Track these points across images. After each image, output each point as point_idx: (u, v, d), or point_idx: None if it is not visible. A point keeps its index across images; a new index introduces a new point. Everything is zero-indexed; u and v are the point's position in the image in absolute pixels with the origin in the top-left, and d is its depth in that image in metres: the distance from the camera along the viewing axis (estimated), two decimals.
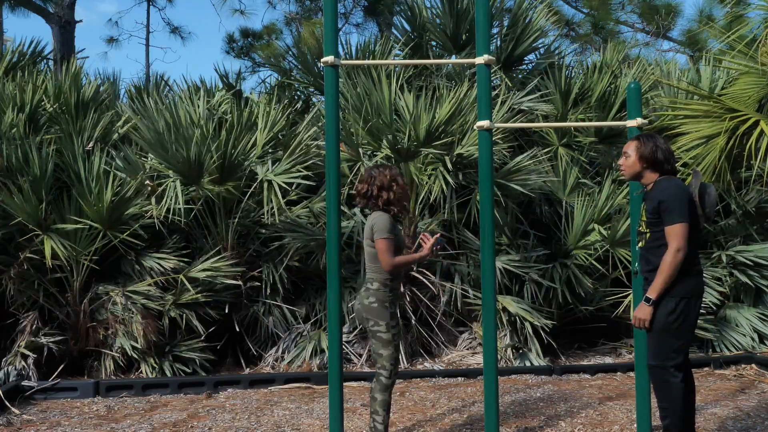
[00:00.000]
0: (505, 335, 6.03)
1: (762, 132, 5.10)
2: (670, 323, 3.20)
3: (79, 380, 5.32)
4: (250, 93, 7.99)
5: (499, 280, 6.18)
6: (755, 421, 4.27)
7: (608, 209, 6.41)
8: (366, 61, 4.15)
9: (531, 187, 6.32)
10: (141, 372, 5.56)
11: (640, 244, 3.41)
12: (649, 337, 3.32)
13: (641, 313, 3.24)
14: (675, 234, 3.16)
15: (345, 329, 6.02)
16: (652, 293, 3.20)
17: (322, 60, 3.70)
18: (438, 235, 3.67)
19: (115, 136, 6.63)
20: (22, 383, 5.10)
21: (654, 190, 3.31)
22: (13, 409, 4.69)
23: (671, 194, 3.20)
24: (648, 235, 3.33)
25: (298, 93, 8.05)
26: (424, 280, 6.13)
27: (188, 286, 5.66)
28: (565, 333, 6.55)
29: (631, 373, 5.58)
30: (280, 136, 6.57)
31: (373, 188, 3.58)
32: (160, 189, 5.97)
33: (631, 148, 3.39)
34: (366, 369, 5.80)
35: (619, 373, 5.69)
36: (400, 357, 3.75)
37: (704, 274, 6.43)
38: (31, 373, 5.24)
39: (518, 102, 7.00)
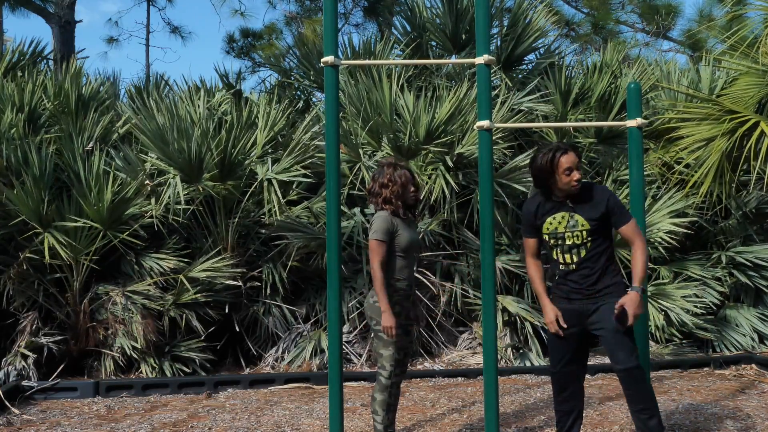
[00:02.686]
0: (505, 335, 6.04)
1: (762, 133, 5.10)
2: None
3: (79, 380, 5.32)
4: (250, 93, 7.99)
5: (499, 280, 6.18)
6: (755, 421, 4.26)
7: None
8: (366, 61, 4.15)
9: (530, 186, 6.31)
10: (141, 372, 5.56)
11: (570, 265, 3.30)
12: (622, 337, 3.20)
13: (633, 304, 3.16)
14: (635, 229, 3.27)
15: (345, 329, 6.02)
16: (638, 282, 3.21)
17: (322, 60, 3.70)
18: (418, 326, 3.75)
19: (115, 136, 6.63)
20: (22, 383, 5.10)
21: (585, 194, 3.30)
22: (13, 409, 4.69)
23: (610, 192, 3.29)
24: (589, 243, 3.28)
25: (298, 93, 8.05)
26: (424, 280, 6.13)
27: (188, 286, 5.66)
28: None
29: None
30: (279, 136, 6.57)
31: (374, 186, 3.59)
32: (160, 188, 5.97)
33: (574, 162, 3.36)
34: (366, 369, 5.80)
35: None
36: (407, 359, 3.71)
37: (704, 275, 6.45)
38: (31, 373, 5.24)
39: (518, 102, 7.00)
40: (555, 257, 3.38)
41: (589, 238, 3.28)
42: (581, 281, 3.32)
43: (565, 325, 3.35)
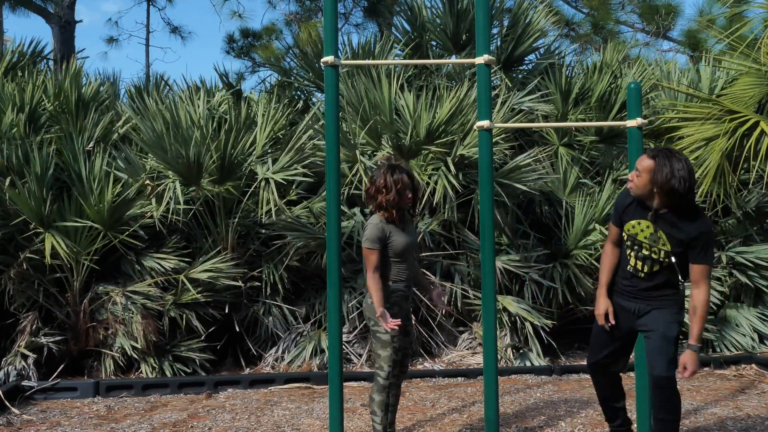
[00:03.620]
0: (505, 335, 6.03)
1: (762, 132, 5.10)
2: (681, 333, 3.19)
3: (79, 380, 5.32)
4: (250, 93, 7.99)
5: (499, 280, 6.18)
6: (755, 421, 4.26)
7: (609, 209, 6.40)
8: (366, 61, 4.15)
9: (531, 186, 6.32)
10: (141, 372, 5.56)
11: (640, 273, 3.18)
12: (667, 345, 3.12)
13: (693, 363, 3.07)
14: (708, 274, 3.05)
15: (345, 329, 6.02)
16: (696, 340, 3.07)
17: (322, 60, 3.70)
18: (448, 309, 3.84)
19: (116, 136, 6.63)
20: (22, 383, 5.10)
21: (682, 217, 3.06)
22: (13, 409, 4.69)
23: (709, 229, 3.00)
24: (665, 262, 3.11)
25: (298, 93, 8.05)
26: (431, 276, 6.12)
27: (188, 286, 5.66)
28: (566, 333, 6.55)
29: (631, 374, 5.57)
30: (279, 136, 6.57)
31: (371, 188, 3.54)
32: (160, 189, 5.97)
33: (643, 166, 3.09)
34: (366, 369, 5.80)
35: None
36: (406, 359, 3.72)
37: None
38: (31, 373, 5.24)
39: (518, 102, 7.00)
40: (627, 257, 3.27)
41: (666, 260, 3.13)
42: (645, 286, 3.22)
43: (613, 322, 3.32)
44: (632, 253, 3.22)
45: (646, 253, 3.16)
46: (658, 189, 3.03)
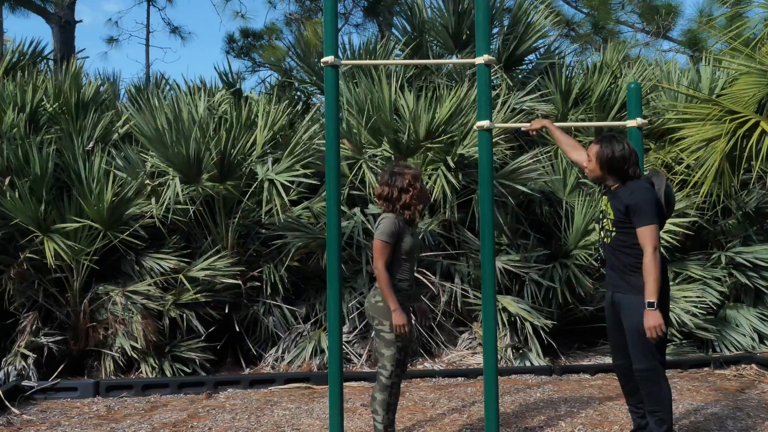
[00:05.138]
0: (505, 335, 6.03)
1: (762, 133, 5.10)
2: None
3: (79, 380, 5.32)
4: (250, 92, 7.99)
5: (499, 280, 6.18)
6: (755, 421, 4.27)
7: None
8: (366, 61, 4.15)
9: (531, 186, 6.31)
10: (141, 372, 5.56)
11: (605, 240, 3.45)
12: (632, 340, 3.30)
13: (653, 320, 3.17)
14: (648, 236, 3.21)
15: (345, 329, 6.02)
16: (652, 297, 3.17)
17: (322, 60, 3.70)
18: (426, 323, 3.80)
19: (115, 135, 6.63)
20: (22, 383, 5.10)
21: (621, 191, 3.35)
22: (13, 409, 4.69)
23: (641, 198, 3.24)
24: (613, 233, 3.37)
25: (299, 93, 8.05)
26: (424, 280, 6.13)
27: (188, 286, 5.66)
28: (565, 333, 6.55)
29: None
30: (279, 136, 6.57)
31: (392, 190, 3.54)
32: (160, 188, 5.97)
33: (592, 152, 3.44)
34: (366, 369, 5.80)
35: None
36: (407, 358, 3.72)
37: (704, 275, 6.45)
38: (31, 373, 5.24)
39: (518, 102, 7.00)
40: (599, 232, 3.56)
41: (614, 229, 3.37)
42: (608, 265, 3.46)
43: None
44: (598, 226, 3.60)
45: (603, 223, 3.48)
46: (602, 166, 3.39)
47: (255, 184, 6.14)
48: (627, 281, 3.33)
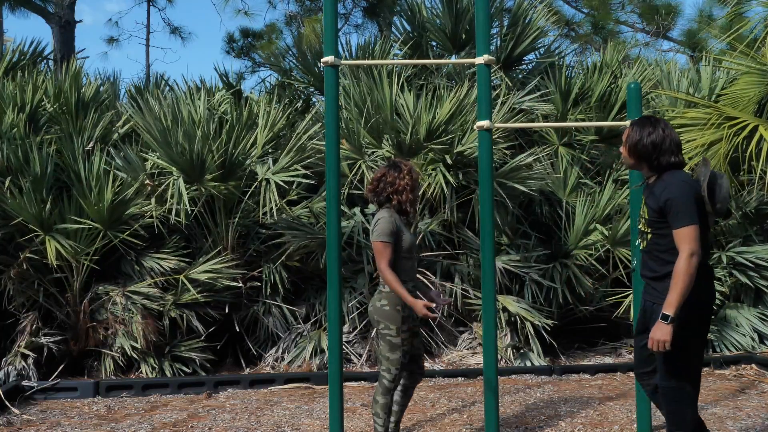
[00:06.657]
0: (506, 335, 6.03)
1: (761, 138, 5.11)
2: (687, 337, 2.76)
3: (79, 380, 5.32)
4: (250, 92, 7.99)
5: (499, 280, 6.18)
6: (755, 421, 4.26)
7: (609, 209, 6.40)
8: (366, 61, 4.15)
9: (531, 186, 6.31)
10: (141, 372, 5.56)
11: (641, 245, 3.00)
12: (659, 355, 2.82)
13: (660, 333, 2.70)
14: (685, 238, 2.73)
15: (345, 329, 6.02)
16: (669, 309, 2.69)
17: (322, 60, 3.70)
18: (448, 301, 3.57)
19: (116, 135, 6.63)
20: (22, 383, 5.10)
21: (656, 186, 2.87)
22: (13, 409, 4.69)
23: (677, 193, 2.77)
24: (649, 236, 2.92)
25: (299, 93, 8.05)
26: (424, 280, 6.13)
27: (188, 286, 5.66)
28: (566, 333, 6.55)
29: (631, 373, 5.58)
30: (280, 136, 6.57)
31: (386, 187, 3.49)
32: (161, 188, 5.97)
33: (624, 136, 3.00)
34: (366, 369, 5.80)
35: (619, 373, 5.69)
36: (421, 360, 3.71)
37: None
38: (31, 373, 5.24)
39: (518, 102, 7.00)
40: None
41: (649, 230, 2.92)
42: (642, 272, 3.00)
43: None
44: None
45: (641, 228, 3.02)
46: (630, 153, 2.96)
47: (255, 184, 6.14)
48: (662, 291, 2.83)
